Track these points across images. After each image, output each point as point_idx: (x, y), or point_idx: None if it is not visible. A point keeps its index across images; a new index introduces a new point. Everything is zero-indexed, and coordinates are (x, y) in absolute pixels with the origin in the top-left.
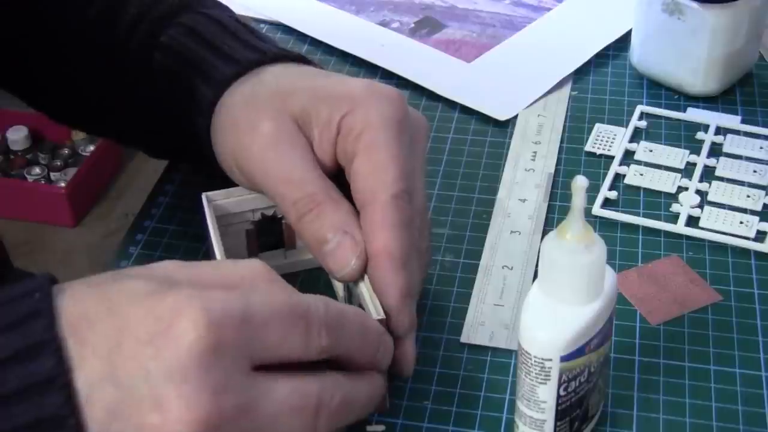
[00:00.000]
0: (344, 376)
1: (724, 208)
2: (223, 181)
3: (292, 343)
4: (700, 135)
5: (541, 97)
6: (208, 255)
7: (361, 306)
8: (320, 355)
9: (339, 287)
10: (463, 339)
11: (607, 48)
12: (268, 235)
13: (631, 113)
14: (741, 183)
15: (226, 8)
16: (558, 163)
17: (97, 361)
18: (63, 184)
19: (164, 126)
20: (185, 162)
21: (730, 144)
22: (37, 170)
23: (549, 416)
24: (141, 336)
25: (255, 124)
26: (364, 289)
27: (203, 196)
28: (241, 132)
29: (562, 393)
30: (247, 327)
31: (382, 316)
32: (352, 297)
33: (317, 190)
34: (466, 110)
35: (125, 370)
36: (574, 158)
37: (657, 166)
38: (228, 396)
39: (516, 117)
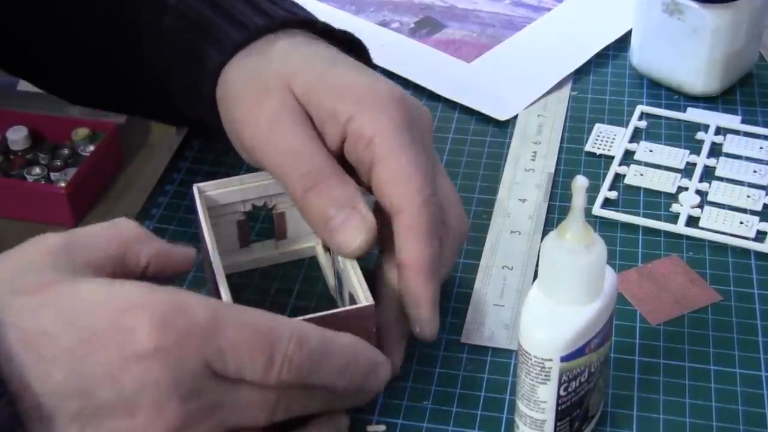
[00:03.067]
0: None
1: (724, 208)
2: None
3: (252, 368)
4: (700, 135)
5: (541, 97)
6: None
7: (351, 294)
8: (282, 385)
9: (330, 276)
10: (463, 339)
11: (607, 48)
12: (259, 225)
13: (631, 113)
14: (741, 183)
15: None
16: (558, 163)
17: (61, 374)
18: (63, 184)
19: (175, 92)
20: (195, 129)
21: (730, 144)
22: (37, 170)
23: (549, 416)
24: (107, 344)
25: (260, 98)
26: (354, 277)
27: (194, 187)
28: (247, 104)
29: (562, 393)
30: (212, 338)
31: (371, 302)
32: (342, 286)
33: (324, 164)
34: (466, 110)
35: (93, 382)
36: (574, 158)
37: (657, 166)
38: (197, 402)
39: (516, 117)
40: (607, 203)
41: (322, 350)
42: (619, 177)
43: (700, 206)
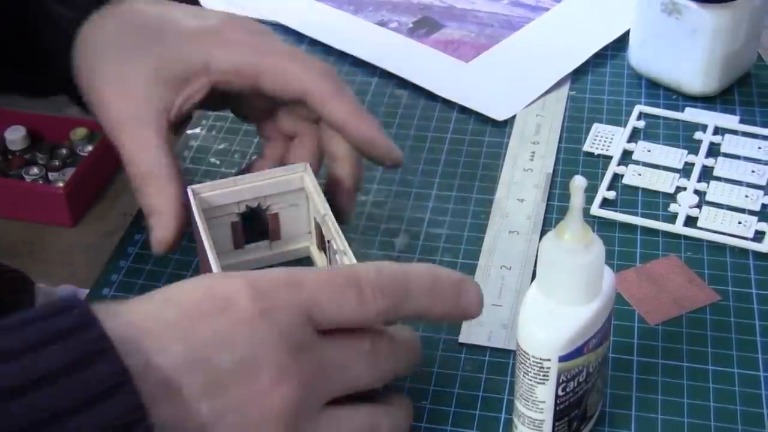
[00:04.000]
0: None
1: (723, 208)
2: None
3: (347, 305)
4: (698, 135)
5: (539, 97)
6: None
7: None
8: (383, 316)
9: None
10: (462, 339)
11: (605, 48)
12: (253, 227)
13: (629, 113)
14: (739, 183)
15: None
16: (556, 163)
17: (178, 346)
18: (61, 184)
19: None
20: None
21: (729, 144)
22: (35, 170)
23: (547, 416)
24: (210, 314)
25: (117, 85)
26: (347, 261)
27: (189, 189)
28: (102, 85)
29: (560, 393)
30: (299, 290)
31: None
32: None
33: (153, 168)
34: (464, 110)
35: (208, 350)
36: (572, 158)
37: (655, 166)
38: (309, 355)
39: (514, 117)
40: (606, 203)
41: (403, 272)
42: (617, 177)
43: (699, 206)
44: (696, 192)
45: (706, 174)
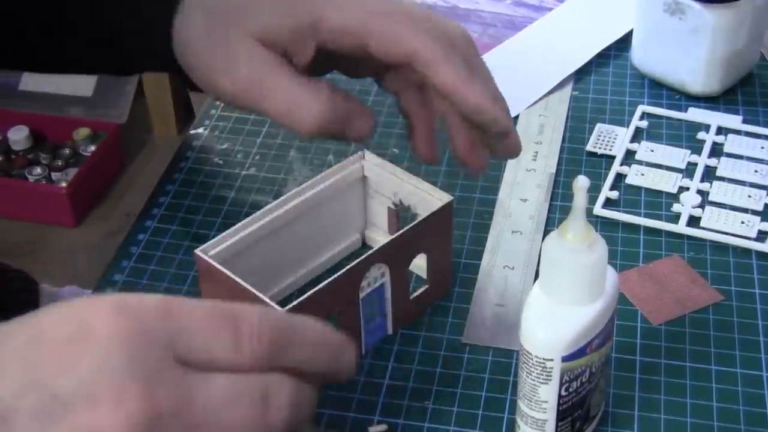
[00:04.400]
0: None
1: (726, 208)
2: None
3: (219, 344)
4: (701, 135)
5: (542, 97)
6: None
7: None
8: (258, 362)
9: None
10: (465, 339)
11: (608, 48)
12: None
13: (632, 113)
14: (742, 183)
15: None
16: (559, 163)
17: (17, 371)
18: (64, 184)
19: (124, 46)
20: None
21: (732, 144)
22: (38, 170)
23: (550, 416)
24: (60, 337)
25: (223, 44)
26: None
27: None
28: (212, 53)
29: (563, 393)
30: (167, 318)
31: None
32: None
33: (298, 98)
34: None
35: (49, 374)
36: (575, 158)
37: (658, 166)
38: (162, 388)
39: (517, 117)
40: (609, 203)
41: (289, 322)
42: (620, 177)
43: (702, 206)
44: (699, 192)
45: (709, 174)
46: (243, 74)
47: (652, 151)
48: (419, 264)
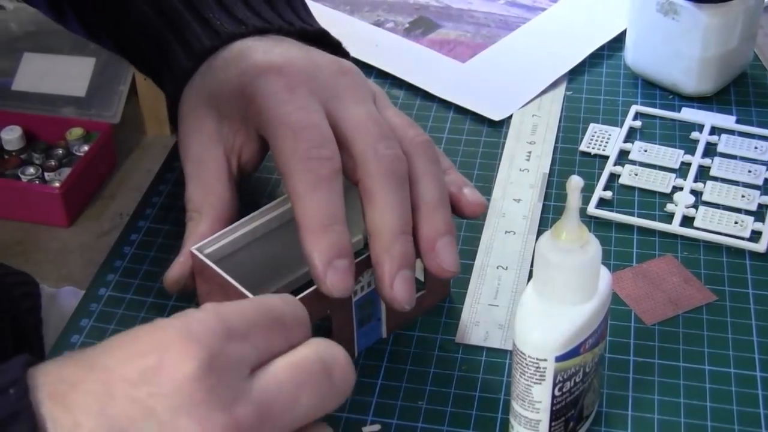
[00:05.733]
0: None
1: (719, 208)
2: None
3: (275, 343)
4: (694, 135)
5: (535, 97)
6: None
7: None
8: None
9: None
10: (458, 339)
11: (601, 48)
12: None
13: (625, 113)
14: (736, 183)
15: None
16: (553, 163)
17: (93, 421)
18: (57, 184)
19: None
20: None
21: (725, 144)
22: (31, 170)
23: (544, 416)
24: (132, 378)
25: (192, 123)
26: None
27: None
28: (184, 126)
29: (557, 393)
30: (231, 337)
31: None
32: None
33: (201, 207)
34: (460, 110)
35: (126, 417)
36: (568, 158)
37: (652, 166)
38: (242, 406)
39: (510, 117)
40: (602, 203)
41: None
42: (613, 177)
43: (695, 206)
44: (692, 192)
45: (703, 174)
46: (194, 151)
47: (646, 151)
48: (417, 268)
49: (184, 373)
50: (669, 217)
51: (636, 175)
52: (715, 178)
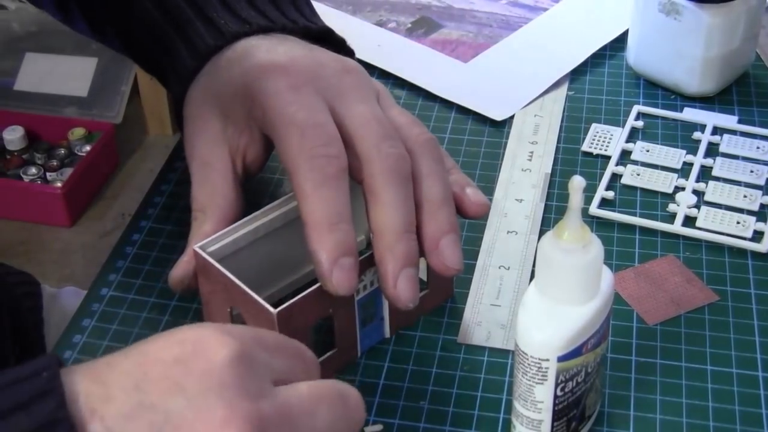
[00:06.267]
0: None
1: (721, 208)
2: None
3: (296, 371)
4: (696, 135)
5: (537, 97)
6: None
7: None
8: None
9: None
10: (460, 339)
11: (603, 48)
12: None
13: (627, 113)
14: (738, 183)
15: None
16: (555, 163)
17: (125, 394)
18: (59, 184)
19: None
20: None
21: (727, 144)
22: (33, 170)
23: (546, 416)
24: (167, 359)
25: (195, 134)
26: None
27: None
28: (190, 127)
29: (559, 393)
30: (262, 343)
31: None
32: None
33: (205, 207)
34: (462, 110)
35: (159, 393)
36: (570, 158)
37: (654, 166)
38: (265, 401)
39: (513, 117)
40: (604, 203)
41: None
42: (615, 177)
43: (697, 206)
44: (694, 192)
45: (705, 174)
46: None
47: (648, 151)
48: (420, 267)
49: (218, 359)
50: (671, 217)
51: (638, 175)
52: (717, 178)
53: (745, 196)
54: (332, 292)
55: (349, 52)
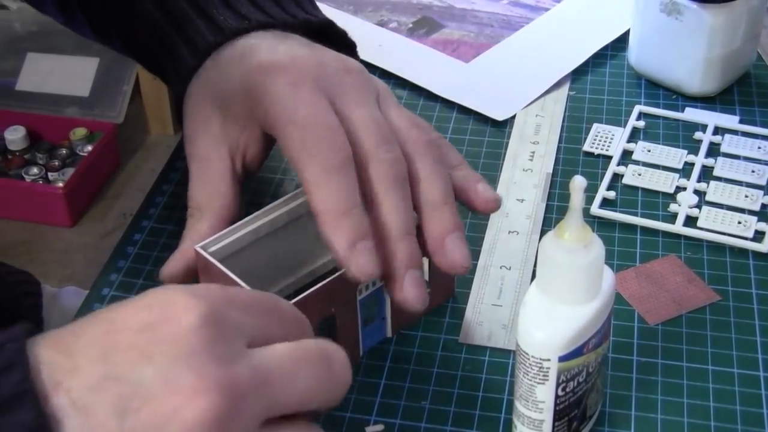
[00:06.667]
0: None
1: (722, 208)
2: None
3: (272, 329)
4: (698, 135)
5: (539, 97)
6: None
7: None
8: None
9: None
10: (461, 339)
11: (605, 48)
12: None
13: (629, 113)
14: (739, 183)
15: None
16: (556, 163)
17: (91, 365)
18: (61, 184)
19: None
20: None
21: (729, 144)
22: (34, 170)
23: (547, 416)
24: (134, 326)
25: (201, 129)
26: None
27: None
28: (190, 124)
29: (560, 393)
30: (232, 304)
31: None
32: None
33: (202, 205)
34: (463, 110)
35: (126, 363)
36: (572, 158)
37: (655, 166)
38: (238, 365)
39: (514, 117)
40: (606, 203)
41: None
42: (617, 177)
43: (698, 206)
44: (696, 192)
45: (706, 174)
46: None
47: (649, 151)
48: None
49: (185, 324)
50: (672, 217)
51: (639, 175)
52: (718, 178)
53: (746, 196)
54: (353, 279)
55: (350, 45)
